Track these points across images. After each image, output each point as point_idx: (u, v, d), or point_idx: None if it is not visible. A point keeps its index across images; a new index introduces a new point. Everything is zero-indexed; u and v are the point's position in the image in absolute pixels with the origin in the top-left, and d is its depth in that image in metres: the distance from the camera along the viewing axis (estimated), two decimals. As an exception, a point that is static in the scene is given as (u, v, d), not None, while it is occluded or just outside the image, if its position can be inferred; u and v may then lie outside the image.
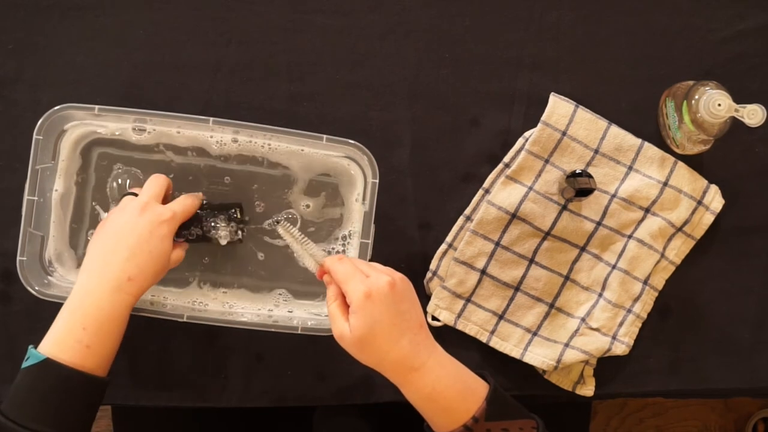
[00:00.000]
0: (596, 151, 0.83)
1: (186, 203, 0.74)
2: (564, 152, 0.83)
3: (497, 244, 0.82)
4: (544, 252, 0.83)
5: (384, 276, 0.64)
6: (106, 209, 0.80)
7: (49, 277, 0.78)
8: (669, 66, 0.85)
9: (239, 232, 0.78)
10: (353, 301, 0.64)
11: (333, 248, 0.81)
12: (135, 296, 0.69)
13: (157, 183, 0.74)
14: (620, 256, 0.83)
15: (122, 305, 0.68)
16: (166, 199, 0.76)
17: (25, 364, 0.65)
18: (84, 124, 0.78)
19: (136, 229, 0.69)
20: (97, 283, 0.68)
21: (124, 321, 0.69)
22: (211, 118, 0.75)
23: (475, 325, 0.83)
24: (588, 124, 0.83)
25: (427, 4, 0.84)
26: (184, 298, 0.80)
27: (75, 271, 0.80)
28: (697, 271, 0.85)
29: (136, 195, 0.74)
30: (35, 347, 0.66)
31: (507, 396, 0.68)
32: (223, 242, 0.77)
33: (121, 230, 0.69)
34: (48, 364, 0.64)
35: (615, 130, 0.83)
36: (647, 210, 0.83)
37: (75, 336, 0.66)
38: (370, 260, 0.76)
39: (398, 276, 0.66)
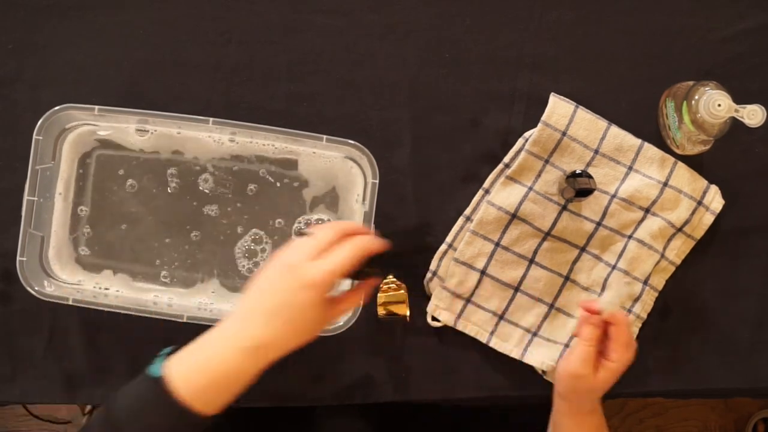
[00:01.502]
0: (596, 152, 0.83)
1: (347, 259, 0.62)
2: (564, 152, 0.83)
3: (497, 244, 0.82)
4: (544, 252, 0.83)
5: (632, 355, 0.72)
6: (107, 209, 0.80)
7: (49, 278, 0.78)
8: (669, 66, 0.85)
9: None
10: (620, 366, 0.72)
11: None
12: (268, 361, 0.62)
13: (320, 237, 0.64)
14: (620, 256, 0.83)
15: (251, 368, 0.62)
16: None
17: (149, 368, 0.63)
18: (84, 124, 0.78)
19: (277, 293, 0.62)
20: (229, 336, 0.62)
21: (250, 379, 0.62)
22: (211, 119, 0.75)
23: (475, 325, 0.83)
24: (588, 124, 0.83)
25: (427, 4, 0.84)
26: (188, 299, 0.80)
27: (75, 272, 0.80)
28: (697, 271, 0.85)
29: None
30: (168, 353, 0.64)
31: None
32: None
33: (265, 288, 0.63)
34: (160, 384, 0.61)
35: (615, 130, 0.83)
36: (647, 210, 0.83)
37: (190, 375, 0.61)
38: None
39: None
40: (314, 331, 0.64)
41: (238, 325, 0.63)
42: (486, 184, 0.84)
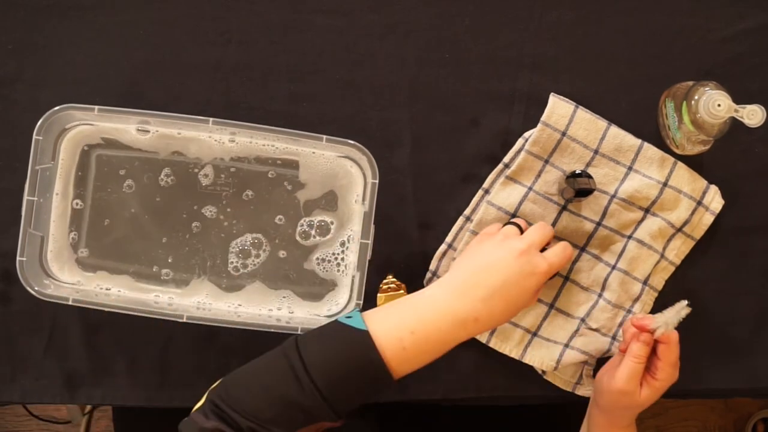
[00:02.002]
0: (596, 152, 0.83)
1: (565, 258, 0.70)
2: (564, 152, 0.83)
3: (497, 244, 0.82)
4: (543, 252, 0.83)
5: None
6: (106, 209, 0.80)
7: (49, 278, 0.78)
8: (669, 66, 0.85)
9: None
10: (665, 384, 0.73)
11: (332, 251, 0.81)
12: (470, 336, 0.66)
13: (543, 232, 0.71)
14: (620, 256, 0.83)
15: (456, 338, 0.65)
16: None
17: (344, 319, 0.64)
18: (84, 124, 0.78)
19: (505, 271, 0.66)
20: (446, 307, 0.65)
21: (450, 348, 0.66)
22: (211, 119, 0.75)
23: (474, 325, 0.83)
24: (588, 124, 0.83)
25: (427, 4, 0.84)
26: (187, 299, 0.80)
27: (75, 272, 0.80)
28: (697, 271, 0.85)
29: (518, 226, 0.72)
30: (362, 310, 0.66)
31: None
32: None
33: (492, 266, 0.66)
34: (366, 337, 0.62)
35: (615, 130, 0.83)
36: (647, 210, 0.83)
37: (400, 333, 0.63)
38: (370, 261, 0.76)
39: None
40: (515, 313, 0.68)
41: (456, 298, 0.65)
42: (486, 184, 0.84)
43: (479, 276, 0.66)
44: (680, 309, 0.71)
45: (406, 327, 0.63)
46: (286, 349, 0.64)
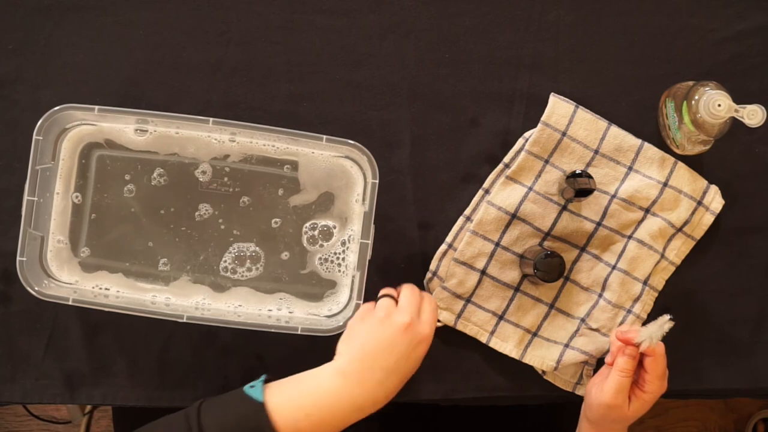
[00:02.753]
0: (596, 152, 0.83)
1: (435, 312, 0.72)
2: (564, 152, 0.83)
3: (497, 244, 0.82)
4: (544, 252, 0.83)
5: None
6: (107, 209, 0.80)
7: (49, 278, 0.78)
8: (669, 66, 0.85)
9: None
10: (652, 396, 0.72)
11: (333, 251, 0.81)
12: (370, 413, 0.68)
13: (415, 295, 0.71)
14: (620, 256, 0.83)
15: (352, 420, 0.67)
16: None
17: (248, 388, 0.67)
18: (84, 124, 0.78)
19: (397, 350, 0.67)
20: (344, 394, 0.66)
21: (346, 426, 0.68)
22: (211, 119, 0.75)
23: (475, 325, 0.83)
24: (588, 124, 0.83)
25: (427, 4, 0.84)
26: (187, 299, 0.80)
27: (74, 272, 0.80)
28: (697, 272, 0.85)
29: (393, 298, 0.71)
30: (266, 381, 0.68)
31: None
32: None
33: (383, 348, 0.67)
34: (262, 411, 0.64)
35: (615, 130, 0.83)
36: (647, 210, 0.83)
37: (294, 414, 0.65)
38: (370, 261, 0.76)
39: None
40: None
41: (354, 384, 0.66)
42: (486, 184, 0.84)
43: (374, 360, 0.67)
44: (663, 323, 0.71)
45: (303, 409, 0.65)
46: (189, 411, 0.66)
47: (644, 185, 0.82)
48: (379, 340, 0.67)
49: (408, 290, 0.72)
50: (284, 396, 0.66)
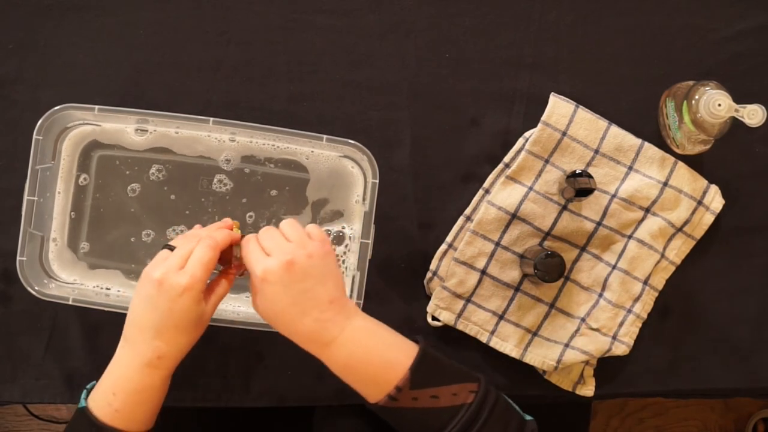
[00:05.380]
0: (596, 152, 0.83)
1: (205, 259, 0.66)
2: (564, 152, 0.83)
3: (497, 244, 0.82)
4: (544, 252, 0.83)
5: (281, 256, 0.65)
6: (107, 209, 0.80)
7: (49, 278, 0.78)
8: (669, 66, 0.85)
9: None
10: (251, 283, 0.66)
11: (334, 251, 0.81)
12: (169, 369, 0.68)
13: (183, 247, 0.68)
14: (620, 256, 0.83)
15: (154, 378, 0.67)
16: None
17: (82, 401, 0.69)
18: (84, 124, 0.78)
19: (157, 307, 0.65)
20: (128, 356, 0.67)
21: (159, 390, 0.68)
22: (211, 119, 0.75)
23: (475, 325, 0.83)
24: (588, 124, 0.83)
25: (427, 4, 0.84)
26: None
27: (75, 271, 0.80)
28: (697, 271, 0.85)
29: (171, 249, 0.69)
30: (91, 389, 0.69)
31: (441, 360, 0.68)
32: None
33: (145, 307, 0.66)
34: (85, 413, 0.67)
35: (615, 130, 0.83)
36: (647, 210, 0.83)
37: (106, 398, 0.67)
38: (370, 260, 0.76)
39: (303, 253, 0.65)
40: (202, 326, 0.69)
41: (133, 345, 0.67)
42: (486, 184, 0.84)
43: (141, 320, 0.67)
44: None
45: (109, 389, 0.67)
46: None
47: (644, 185, 0.82)
48: (140, 298, 0.67)
49: (180, 240, 0.70)
50: (97, 390, 0.68)
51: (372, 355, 0.67)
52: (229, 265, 0.72)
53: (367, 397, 0.68)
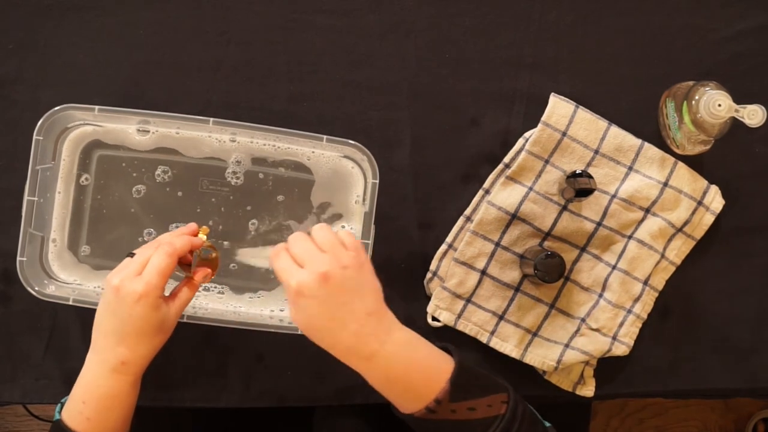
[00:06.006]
0: (596, 152, 0.83)
1: (162, 266, 0.66)
2: (564, 153, 0.83)
3: (497, 244, 0.82)
4: (544, 252, 0.83)
5: (315, 268, 0.62)
6: (107, 209, 0.80)
7: (49, 278, 0.78)
8: (669, 66, 0.85)
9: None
10: (288, 297, 0.64)
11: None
12: (135, 374, 0.69)
13: (142, 253, 0.68)
14: (620, 256, 0.83)
15: (121, 384, 0.68)
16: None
17: (57, 415, 0.71)
18: (84, 124, 0.78)
19: (116, 314, 0.67)
20: (95, 363, 0.69)
21: (128, 396, 0.69)
22: (211, 119, 0.75)
23: (475, 325, 0.83)
24: (588, 124, 0.83)
25: (427, 4, 0.84)
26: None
27: (75, 272, 0.80)
28: (697, 272, 0.85)
29: (133, 256, 0.70)
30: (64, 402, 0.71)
31: (475, 372, 0.68)
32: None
33: (106, 314, 0.68)
34: (59, 425, 0.68)
35: (615, 130, 0.83)
36: (647, 210, 0.83)
37: (77, 408, 0.68)
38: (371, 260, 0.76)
39: (338, 265, 0.63)
40: (165, 331, 0.70)
41: (98, 352, 0.68)
42: (486, 184, 0.84)
43: (105, 327, 0.68)
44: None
45: (79, 399, 0.68)
46: None
47: (644, 185, 0.82)
48: (102, 305, 0.68)
49: (142, 247, 0.70)
50: (69, 402, 0.69)
51: (412, 369, 0.65)
52: (188, 270, 0.72)
53: (401, 408, 0.67)
